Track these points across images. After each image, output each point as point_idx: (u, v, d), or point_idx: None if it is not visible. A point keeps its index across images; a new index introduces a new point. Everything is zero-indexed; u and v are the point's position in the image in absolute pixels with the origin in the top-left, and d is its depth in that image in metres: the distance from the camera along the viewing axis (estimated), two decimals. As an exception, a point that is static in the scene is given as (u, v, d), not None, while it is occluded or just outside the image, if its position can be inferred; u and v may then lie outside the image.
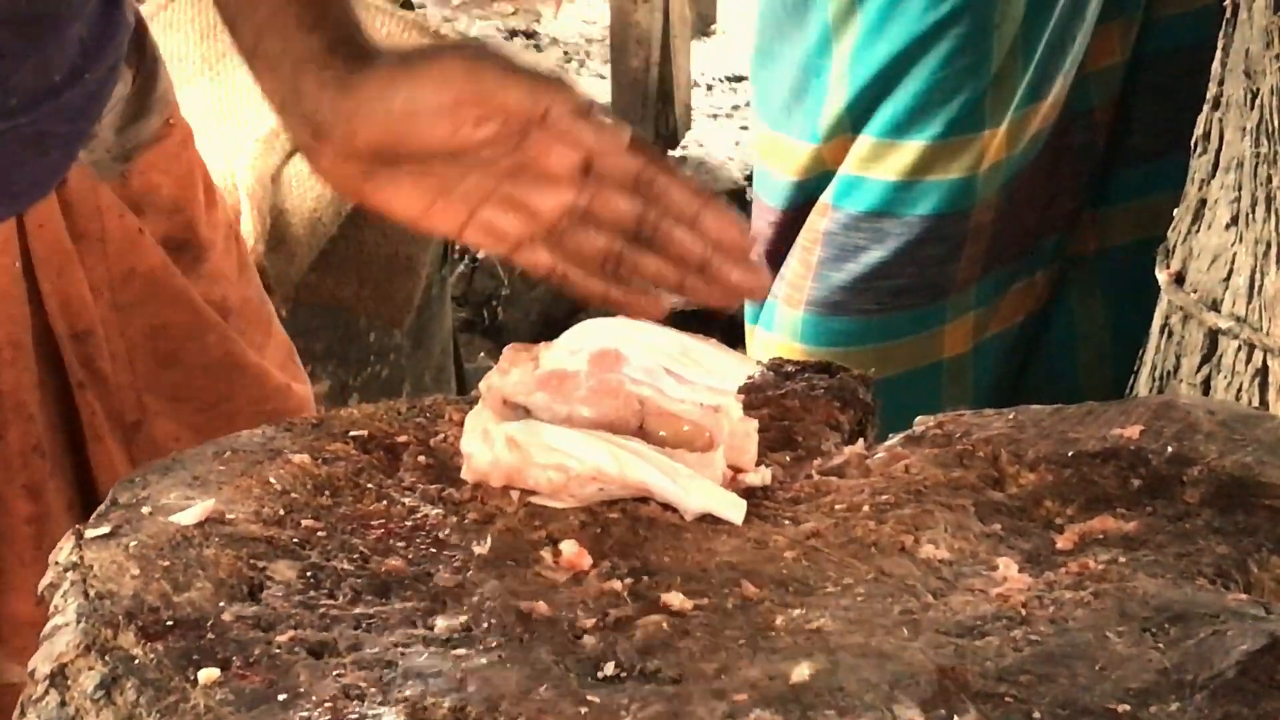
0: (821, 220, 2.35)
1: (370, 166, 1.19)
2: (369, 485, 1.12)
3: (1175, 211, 2.31)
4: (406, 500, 1.11)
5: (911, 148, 2.29)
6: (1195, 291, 2.23)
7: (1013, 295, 2.45)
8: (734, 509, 1.09)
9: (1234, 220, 2.18)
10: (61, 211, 1.39)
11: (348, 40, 1.22)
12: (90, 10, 1.39)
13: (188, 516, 1.06)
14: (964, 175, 2.30)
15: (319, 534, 1.06)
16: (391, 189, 1.20)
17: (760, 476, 1.13)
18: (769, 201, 2.45)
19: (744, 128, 5.05)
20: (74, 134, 1.40)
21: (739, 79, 5.36)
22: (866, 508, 1.10)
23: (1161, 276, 2.31)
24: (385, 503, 1.09)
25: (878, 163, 2.30)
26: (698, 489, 1.10)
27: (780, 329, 2.43)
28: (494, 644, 0.96)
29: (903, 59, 2.27)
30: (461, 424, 1.16)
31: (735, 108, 5.38)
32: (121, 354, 1.44)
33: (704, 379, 1.15)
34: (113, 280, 1.43)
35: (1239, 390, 2.17)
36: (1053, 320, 2.54)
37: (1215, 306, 2.20)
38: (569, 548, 1.06)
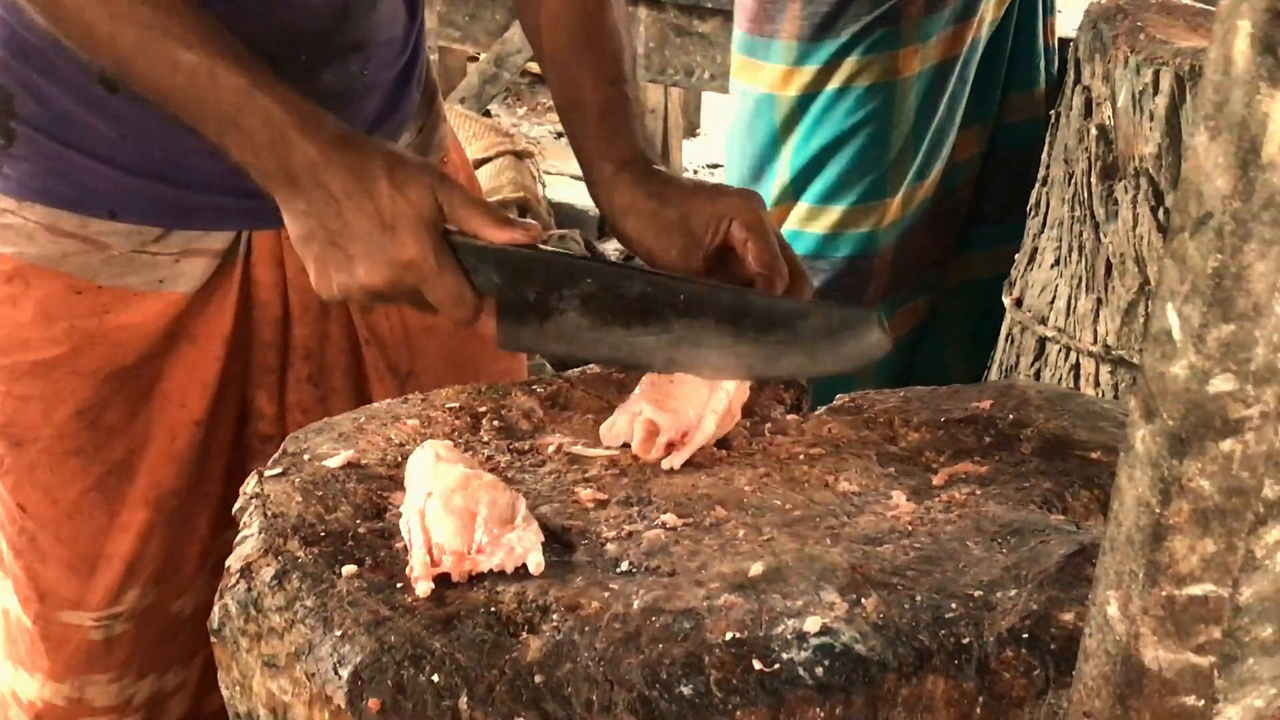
0: None
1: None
2: (459, 440, 1.12)
3: (1016, 256, 2.31)
4: (485, 451, 1.11)
5: (835, 210, 2.29)
6: (1030, 311, 2.23)
7: (904, 313, 2.45)
8: None
9: (1057, 262, 2.18)
10: None
11: (641, 163, 1.24)
12: (386, 84, 1.39)
13: (335, 461, 1.06)
14: (871, 230, 2.30)
15: (425, 474, 1.06)
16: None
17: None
18: None
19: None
20: None
21: (716, 166, 5.35)
22: (802, 456, 1.10)
23: (1007, 301, 2.31)
24: (470, 452, 1.09)
25: (812, 221, 2.29)
26: None
27: None
28: (546, 550, 0.96)
29: (829, 150, 2.27)
30: (522, 404, 1.17)
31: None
32: (398, 323, 1.41)
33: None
34: None
35: (1060, 379, 2.17)
36: (930, 330, 2.53)
37: (1043, 321, 2.20)
38: (596, 485, 1.06)
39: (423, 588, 0.91)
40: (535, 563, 0.94)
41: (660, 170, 1.24)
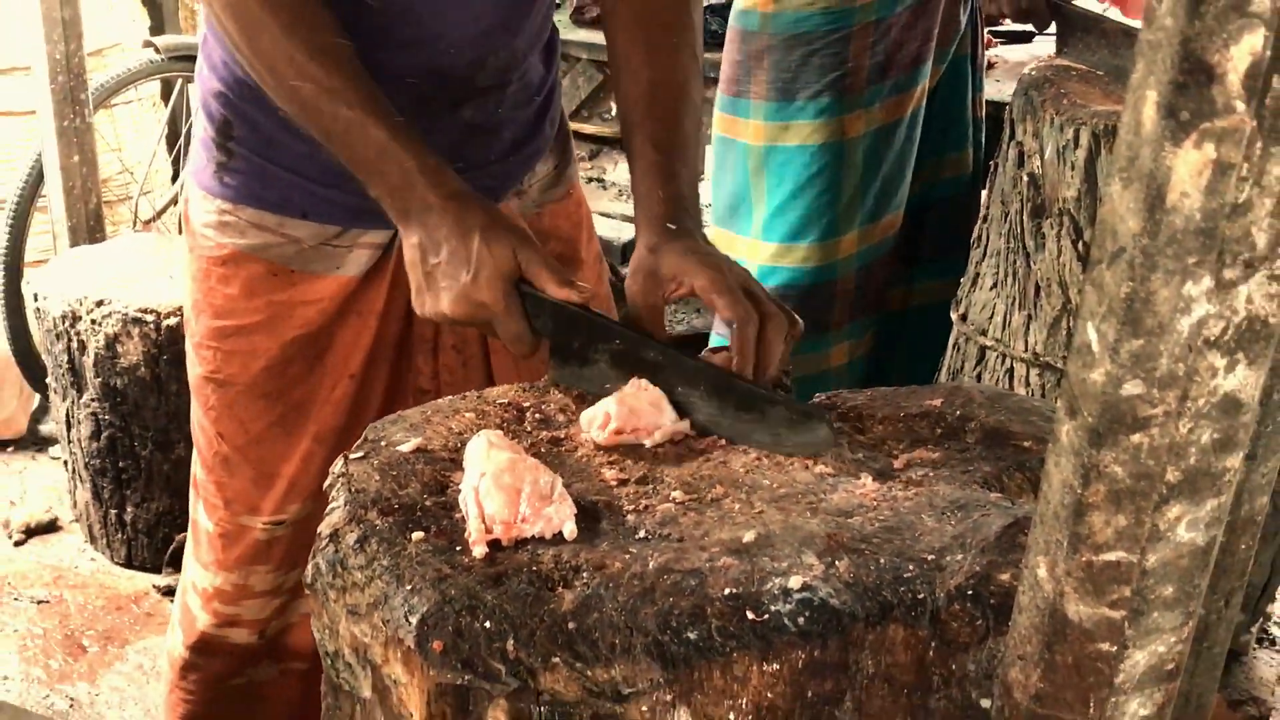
0: None
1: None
2: (507, 429, 1.11)
3: (961, 280, 2.30)
4: (528, 439, 1.10)
5: (801, 248, 2.28)
6: (973, 325, 2.22)
7: (869, 335, 2.44)
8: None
9: (995, 285, 2.17)
10: None
11: (659, 221, 1.24)
12: (521, 121, 1.42)
13: (406, 447, 1.06)
14: (831, 262, 2.30)
15: (479, 457, 1.06)
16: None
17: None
18: None
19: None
20: (501, 187, 1.42)
21: (716, 205, 5.37)
22: (787, 444, 1.10)
23: (954, 316, 2.30)
24: (516, 440, 1.09)
25: (783, 257, 2.29)
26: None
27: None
28: (577, 520, 0.96)
29: (792, 197, 2.26)
30: (558, 400, 1.17)
31: (714, 221, 5.39)
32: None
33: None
34: None
35: (997, 381, 2.16)
36: (887, 341, 2.52)
37: (984, 333, 2.19)
38: (618, 468, 1.06)
39: (479, 551, 0.91)
40: (570, 530, 0.93)
41: (669, 226, 1.23)
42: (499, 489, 0.94)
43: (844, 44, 2.19)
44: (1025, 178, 2.06)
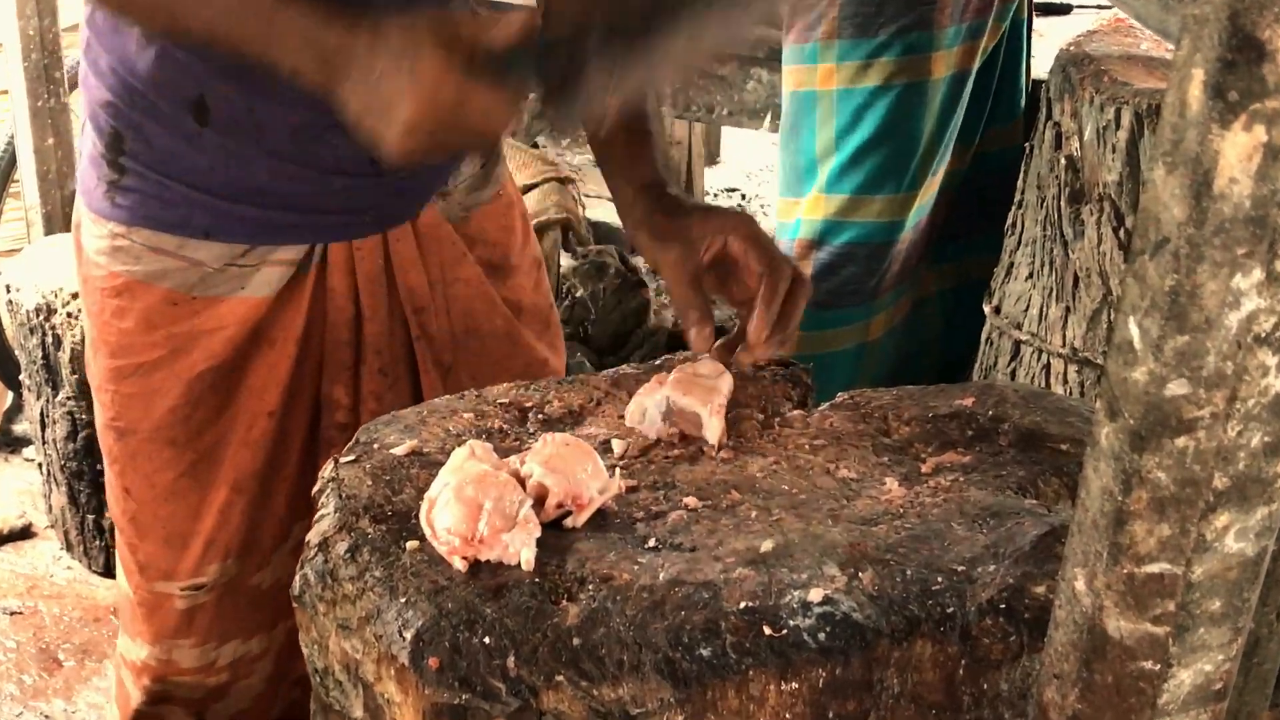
0: (813, 252, 2.30)
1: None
2: (509, 431, 1.12)
3: (995, 270, 2.30)
4: (530, 441, 1.10)
5: (877, 200, 2.25)
6: (1007, 318, 2.22)
7: (900, 304, 2.42)
8: None
9: (1030, 275, 2.17)
10: (416, 234, 1.37)
11: (657, 187, 1.27)
12: None
13: (400, 450, 1.06)
14: (902, 217, 2.29)
15: (478, 461, 1.05)
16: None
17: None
18: (783, 237, 2.39)
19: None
20: (423, 189, 1.37)
21: (734, 190, 5.34)
22: (806, 447, 1.09)
23: (986, 308, 2.29)
24: (517, 441, 1.09)
25: (855, 211, 2.24)
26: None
27: None
28: (584, 529, 0.96)
29: (871, 144, 2.23)
30: (563, 399, 1.17)
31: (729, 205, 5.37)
32: (444, 324, 1.41)
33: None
34: (445, 280, 1.40)
35: (1033, 378, 2.15)
36: (914, 324, 2.50)
37: (1019, 327, 2.19)
38: (628, 472, 1.06)
39: (459, 563, 0.90)
40: (526, 560, 0.91)
41: (669, 193, 1.26)
42: (459, 501, 0.93)
43: None
44: (1063, 160, 2.05)
